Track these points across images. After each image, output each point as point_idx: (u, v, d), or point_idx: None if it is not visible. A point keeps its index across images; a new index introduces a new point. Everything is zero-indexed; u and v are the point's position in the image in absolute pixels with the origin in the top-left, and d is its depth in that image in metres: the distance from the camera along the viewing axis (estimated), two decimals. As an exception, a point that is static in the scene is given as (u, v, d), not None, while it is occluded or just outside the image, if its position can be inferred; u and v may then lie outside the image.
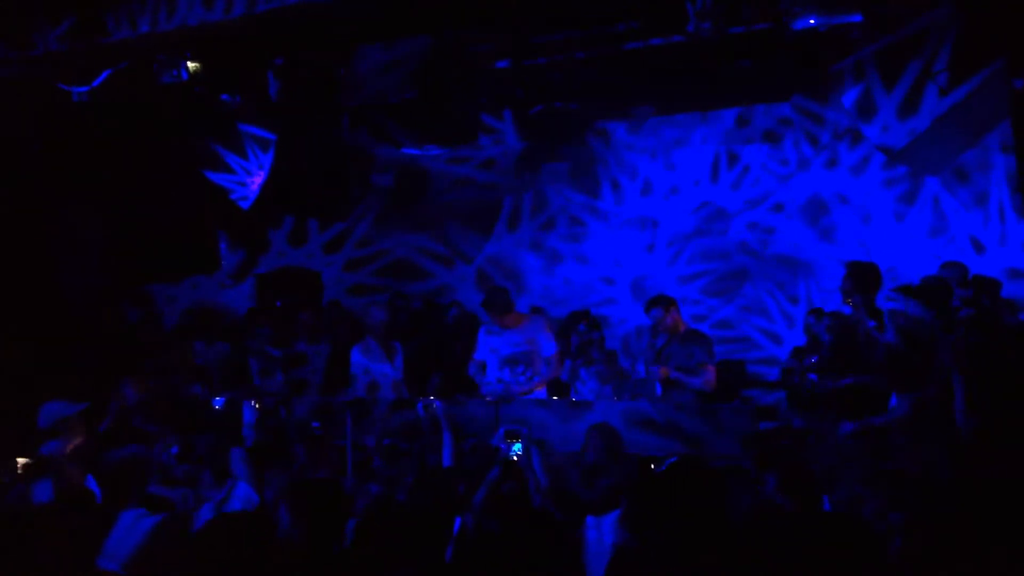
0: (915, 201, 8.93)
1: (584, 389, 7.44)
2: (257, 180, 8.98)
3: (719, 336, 8.87)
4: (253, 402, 6.93)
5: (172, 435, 5.85)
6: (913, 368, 5.44)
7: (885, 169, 8.97)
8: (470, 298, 10.39)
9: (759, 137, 9.63)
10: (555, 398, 7.33)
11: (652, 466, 4.35)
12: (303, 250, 11.23)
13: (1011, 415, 4.99)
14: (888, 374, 5.65)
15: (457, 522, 4.43)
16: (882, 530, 3.93)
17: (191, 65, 7.45)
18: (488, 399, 7.17)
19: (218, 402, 6.14)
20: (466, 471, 5.38)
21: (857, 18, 6.58)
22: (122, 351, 8.11)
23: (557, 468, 5.41)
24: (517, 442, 5.18)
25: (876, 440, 5.72)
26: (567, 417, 6.87)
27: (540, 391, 7.50)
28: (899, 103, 6.15)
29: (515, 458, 5.14)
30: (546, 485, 5.01)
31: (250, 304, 10.63)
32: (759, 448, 5.73)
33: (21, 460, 5.30)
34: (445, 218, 10.77)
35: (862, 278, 6.51)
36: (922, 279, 6.28)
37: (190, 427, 6.17)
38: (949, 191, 8.75)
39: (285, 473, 5.99)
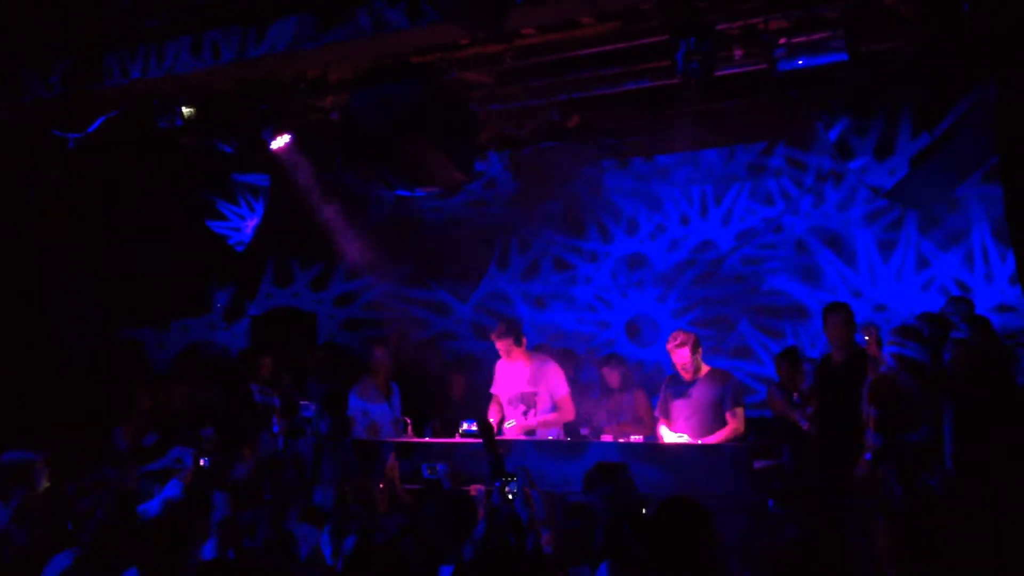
0: (900, 241, 8.96)
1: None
2: (251, 224, 9.02)
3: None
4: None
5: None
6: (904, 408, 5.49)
7: (870, 210, 9.01)
8: (468, 345, 10.43)
9: (745, 177, 9.67)
10: (550, 438, 7.30)
11: (643, 510, 4.33)
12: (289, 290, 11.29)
13: (999, 449, 5.05)
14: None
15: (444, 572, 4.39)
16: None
17: (185, 111, 7.49)
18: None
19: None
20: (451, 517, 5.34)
21: (843, 57, 6.65)
22: (114, 395, 8.11)
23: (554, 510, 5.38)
24: (514, 482, 5.13)
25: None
26: (563, 457, 6.87)
27: (552, 431, 7.46)
28: (892, 147, 6.19)
29: (511, 498, 5.09)
30: (546, 526, 4.95)
31: (244, 345, 10.64)
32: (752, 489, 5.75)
33: None
34: (437, 260, 10.78)
35: (825, 319, 6.90)
36: (918, 317, 6.33)
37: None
38: (925, 234, 8.78)
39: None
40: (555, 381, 7.52)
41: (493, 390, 7.74)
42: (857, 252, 9.15)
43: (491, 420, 7.50)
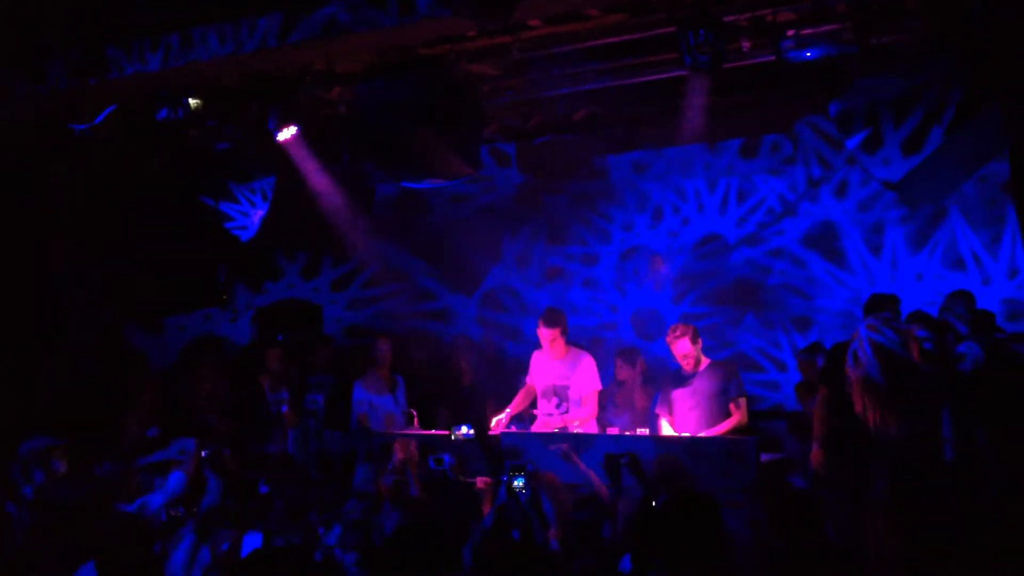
0: (926, 230, 8.91)
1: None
2: (259, 213, 9.01)
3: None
4: None
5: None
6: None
7: (896, 199, 8.93)
8: (471, 328, 10.44)
9: (766, 164, 9.61)
10: (556, 432, 7.27)
11: (653, 503, 4.32)
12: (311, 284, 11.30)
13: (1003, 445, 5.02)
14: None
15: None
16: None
17: (192, 102, 7.48)
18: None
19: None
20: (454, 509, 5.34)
21: (853, 50, 6.63)
22: (124, 385, 8.13)
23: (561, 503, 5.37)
24: (520, 476, 5.11)
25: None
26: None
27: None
28: (901, 140, 6.15)
29: (518, 492, 5.07)
30: (553, 520, 4.94)
31: (251, 338, 10.66)
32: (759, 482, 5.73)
33: None
34: (448, 247, 10.78)
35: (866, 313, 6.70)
36: (911, 314, 6.28)
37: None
38: (966, 219, 8.71)
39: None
40: (587, 375, 7.46)
41: (528, 380, 7.71)
42: (884, 242, 9.09)
43: (508, 410, 7.44)
